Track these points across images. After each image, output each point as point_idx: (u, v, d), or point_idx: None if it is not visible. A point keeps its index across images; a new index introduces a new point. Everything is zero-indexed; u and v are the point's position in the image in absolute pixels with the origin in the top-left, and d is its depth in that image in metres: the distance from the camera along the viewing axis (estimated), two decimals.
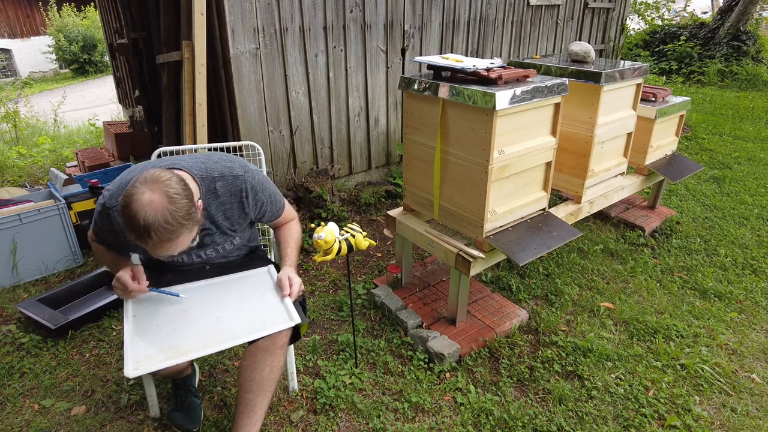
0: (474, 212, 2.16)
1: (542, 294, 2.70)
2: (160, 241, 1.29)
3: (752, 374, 2.18)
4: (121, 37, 4.76)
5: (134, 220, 1.26)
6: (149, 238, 1.27)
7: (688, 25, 9.91)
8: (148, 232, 1.26)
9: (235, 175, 1.56)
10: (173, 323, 1.50)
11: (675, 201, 3.86)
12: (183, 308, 1.57)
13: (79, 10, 13.78)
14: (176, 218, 1.29)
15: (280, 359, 1.62)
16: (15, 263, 2.77)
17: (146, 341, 1.43)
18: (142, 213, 1.25)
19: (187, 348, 1.41)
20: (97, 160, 4.43)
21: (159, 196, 1.28)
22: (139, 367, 1.34)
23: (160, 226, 1.27)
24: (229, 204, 1.57)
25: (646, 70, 2.67)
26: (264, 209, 1.67)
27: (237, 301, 1.60)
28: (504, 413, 1.94)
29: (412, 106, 2.30)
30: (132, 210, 1.26)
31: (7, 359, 2.22)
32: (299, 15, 3.09)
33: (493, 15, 4.27)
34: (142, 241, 1.29)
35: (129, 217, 1.27)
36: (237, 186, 1.57)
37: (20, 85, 10.76)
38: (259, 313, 1.55)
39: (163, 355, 1.38)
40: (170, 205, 1.28)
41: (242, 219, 1.64)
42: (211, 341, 1.43)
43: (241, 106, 3.02)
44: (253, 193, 1.60)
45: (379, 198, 3.76)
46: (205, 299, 1.61)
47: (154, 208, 1.26)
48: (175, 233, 1.30)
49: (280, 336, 1.60)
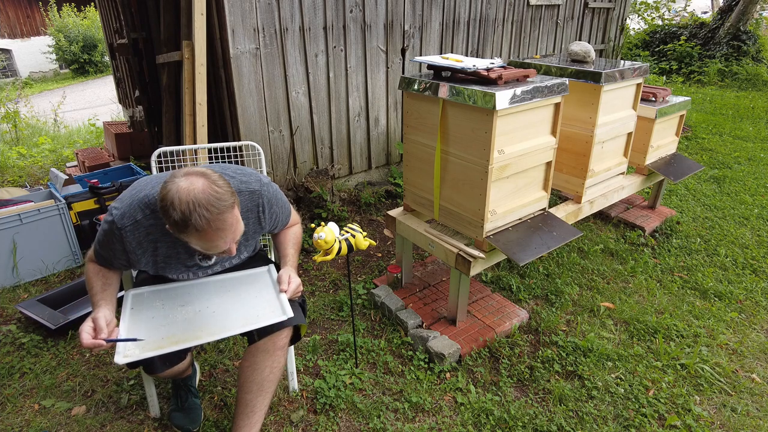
0: (474, 212, 2.16)
1: (542, 294, 2.70)
2: (215, 219, 1.25)
3: (752, 374, 2.18)
4: (121, 37, 4.77)
5: (180, 205, 1.23)
6: (200, 218, 1.23)
7: (688, 25, 9.91)
8: (202, 205, 1.23)
9: (251, 190, 1.54)
10: (168, 316, 1.51)
11: (675, 201, 3.86)
12: (180, 302, 1.58)
13: (79, 10, 13.78)
14: (221, 190, 1.28)
15: (280, 360, 1.62)
16: (15, 263, 2.77)
17: (139, 331, 1.44)
18: (186, 190, 1.23)
19: (177, 338, 1.41)
20: (97, 160, 4.43)
21: (199, 180, 1.27)
22: (129, 354, 1.34)
23: (210, 198, 1.24)
24: (245, 219, 1.54)
25: (646, 70, 2.67)
26: (277, 221, 1.67)
27: (234, 297, 1.61)
28: (504, 413, 1.94)
29: (412, 106, 2.30)
30: (174, 195, 1.23)
31: (7, 359, 2.22)
32: (299, 15, 3.09)
33: (493, 15, 4.27)
34: (188, 230, 1.25)
35: (173, 204, 1.23)
36: (254, 201, 1.55)
37: (20, 85, 10.75)
38: (254, 307, 1.55)
39: (153, 344, 1.39)
40: (212, 185, 1.27)
41: (257, 233, 1.65)
42: (203, 332, 1.44)
43: (241, 106, 3.02)
44: (269, 207, 1.59)
45: (379, 198, 3.76)
46: (202, 294, 1.62)
47: (196, 186, 1.25)
48: (227, 207, 1.27)
49: (280, 337, 1.60)
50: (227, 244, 1.34)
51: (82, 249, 3.03)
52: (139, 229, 1.42)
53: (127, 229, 1.41)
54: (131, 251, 1.44)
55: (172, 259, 1.53)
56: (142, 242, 1.44)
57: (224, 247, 1.34)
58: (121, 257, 1.48)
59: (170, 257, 1.52)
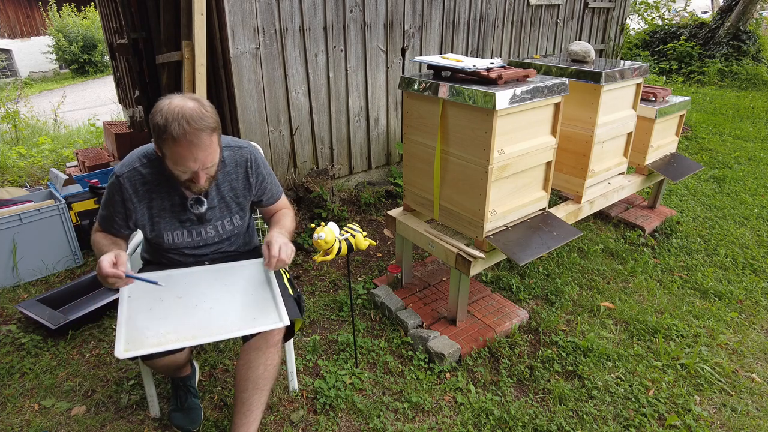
0: (474, 212, 2.16)
1: (542, 294, 2.70)
2: (193, 131, 1.37)
3: (752, 374, 2.18)
4: (121, 37, 4.76)
5: (165, 113, 1.37)
6: (178, 126, 1.35)
7: (688, 24, 9.91)
8: (184, 117, 1.36)
9: (241, 146, 1.68)
10: (167, 309, 1.51)
11: (675, 201, 3.86)
12: (177, 294, 1.58)
13: (79, 10, 13.78)
14: (207, 114, 1.41)
15: (274, 357, 1.64)
16: (15, 263, 2.77)
17: (139, 325, 1.44)
18: (176, 105, 1.39)
19: (177, 337, 1.42)
20: (97, 160, 4.43)
21: (191, 101, 1.42)
22: (130, 349, 1.35)
23: (194, 114, 1.38)
24: (235, 174, 1.66)
25: (646, 69, 2.67)
26: (265, 185, 1.75)
27: (231, 293, 1.61)
28: (504, 413, 1.94)
29: (412, 106, 2.30)
30: (165, 106, 1.38)
31: (7, 359, 2.22)
32: (299, 15, 3.09)
33: (493, 15, 4.27)
34: (166, 136, 1.37)
35: (161, 111, 1.38)
36: (243, 156, 1.67)
37: (20, 85, 10.75)
38: (251, 308, 1.55)
39: (155, 340, 1.40)
40: (200, 106, 1.42)
41: (246, 191, 1.71)
42: (202, 333, 1.45)
43: (241, 106, 3.02)
44: (256, 165, 1.70)
45: (379, 198, 3.76)
46: (199, 286, 1.62)
47: (187, 104, 1.40)
48: (206, 126, 1.39)
49: (273, 334, 1.61)
50: (197, 165, 1.42)
51: (82, 249, 3.03)
52: (136, 176, 1.55)
53: (125, 176, 1.54)
54: (128, 199, 1.55)
55: (166, 212, 1.61)
56: (138, 190, 1.55)
57: (194, 168, 1.43)
58: (120, 211, 1.57)
59: (164, 210, 1.60)
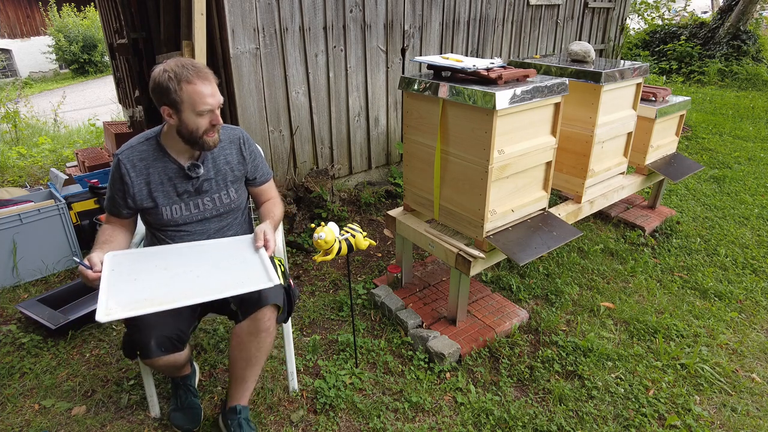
0: (474, 212, 2.16)
1: (542, 294, 2.70)
2: (201, 70, 1.53)
3: (752, 374, 2.18)
4: (121, 37, 4.76)
5: (172, 66, 1.51)
6: (191, 66, 1.52)
7: (688, 24, 9.91)
8: (188, 64, 1.53)
9: (232, 127, 1.85)
10: (150, 278, 1.50)
11: (675, 201, 3.86)
12: (163, 265, 1.57)
13: (79, 10, 13.78)
14: (204, 66, 1.57)
15: (266, 340, 1.67)
16: (15, 263, 2.77)
17: (122, 289, 1.43)
18: (173, 61, 1.53)
19: (160, 300, 1.39)
20: (97, 160, 4.43)
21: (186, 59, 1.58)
22: (111, 313, 1.34)
23: (192, 63, 1.54)
24: (229, 149, 1.79)
25: (646, 69, 2.67)
26: (257, 162, 1.87)
27: (218, 261, 1.60)
28: (504, 413, 1.94)
29: (412, 106, 2.30)
30: (164, 66, 1.52)
31: (7, 359, 2.22)
32: (299, 15, 3.09)
33: (493, 15, 4.27)
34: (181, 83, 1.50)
35: (165, 70, 1.51)
36: (235, 134, 1.82)
37: (20, 85, 10.76)
38: (238, 272, 1.54)
39: (136, 304, 1.38)
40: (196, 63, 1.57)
41: (241, 165, 1.81)
42: (186, 295, 1.42)
43: (241, 106, 3.02)
44: (249, 143, 1.84)
45: (379, 198, 3.76)
46: (187, 258, 1.62)
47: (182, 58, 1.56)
48: (207, 70, 1.56)
49: (263, 320, 1.63)
50: (215, 100, 1.57)
51: (82, 249, 3.03)
52: (134, 153, 1.67)
53: (124, 154, 1.66)
54: (125, 174, 1.64)
55: (164, 185, 1.69)
56: (136, 165, 1.66)
57: (213, 103, 1.56)
58: (119, 188, 1.67)
59: (162, 183, 1.68)
